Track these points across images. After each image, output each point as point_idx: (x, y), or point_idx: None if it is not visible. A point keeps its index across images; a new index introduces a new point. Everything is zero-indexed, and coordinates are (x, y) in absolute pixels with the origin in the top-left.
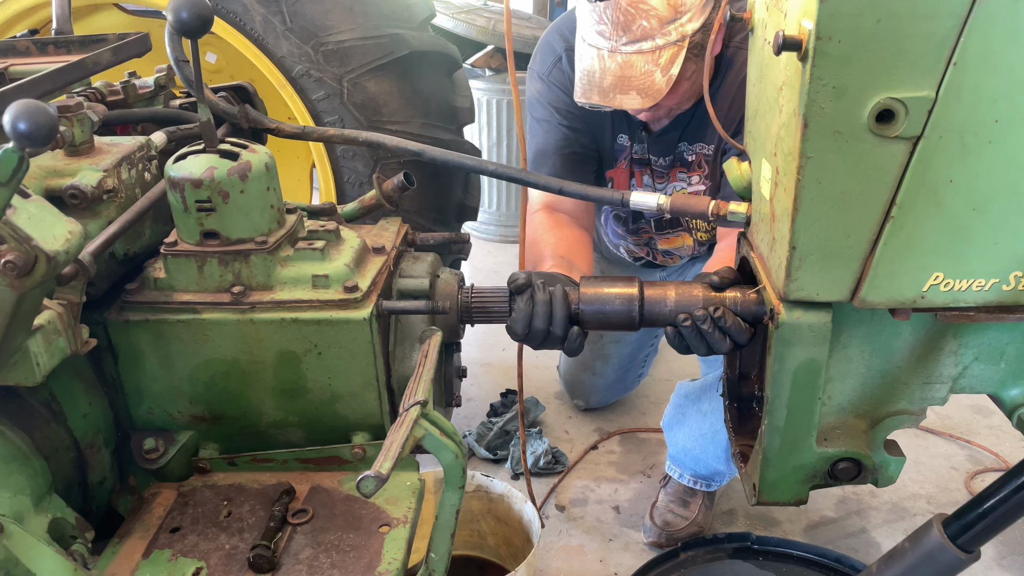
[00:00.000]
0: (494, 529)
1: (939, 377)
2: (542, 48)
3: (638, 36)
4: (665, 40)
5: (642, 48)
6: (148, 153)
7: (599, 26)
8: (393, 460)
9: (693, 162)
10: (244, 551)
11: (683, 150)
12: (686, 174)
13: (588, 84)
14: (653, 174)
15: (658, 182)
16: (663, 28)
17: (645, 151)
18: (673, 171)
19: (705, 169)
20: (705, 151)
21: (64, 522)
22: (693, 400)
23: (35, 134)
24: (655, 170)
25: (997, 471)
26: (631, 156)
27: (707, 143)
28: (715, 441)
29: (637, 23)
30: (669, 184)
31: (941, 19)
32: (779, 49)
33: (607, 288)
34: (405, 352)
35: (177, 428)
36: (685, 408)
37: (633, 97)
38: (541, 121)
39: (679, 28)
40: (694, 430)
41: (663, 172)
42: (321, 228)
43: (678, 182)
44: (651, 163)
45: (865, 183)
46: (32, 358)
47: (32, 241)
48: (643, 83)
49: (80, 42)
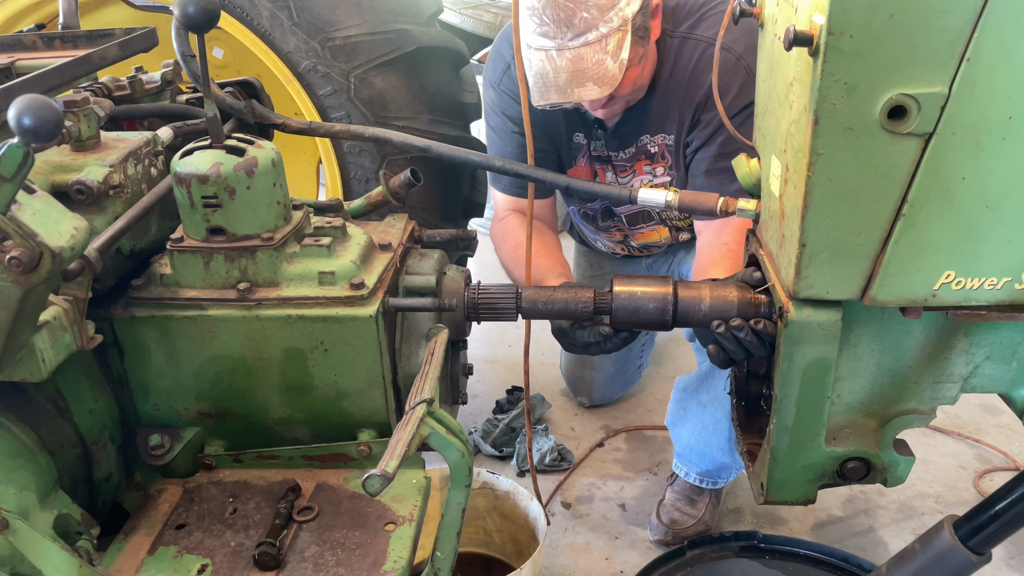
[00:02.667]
0: (500, 526)
1: (950, 376)
2: (492, 56)
3: (582, 28)
4: (608, 27)
5: (588, 39)
6: (154, 149)
7: (542, 27)
8: (399, 459)
9: (656, 153)
10: (249, 548)
11: (646, 143)
12: (651, 166)
13: (544, 85)
14: (615, 169)
15: (621, 176)
16: (604, 16)
17: (604, 147)
18: (637, 164)
19: (668, 159)
20: (667, 141)
21: (70, 518)
22: (692, 393)
23: (40, 129)
24: (616, 165)
25: (1006, 470)
26: (590, 154)
27: (668, 133)
28: (717, 432)
29: (579, 16)
30: (635, 178)
31: (955, 14)
32: (790, 44)
33: (640, 288)
34: (411, 349)
35: (183, 424)
36: (685, 403)
37: (590, 88)
38: (497, 130)
39: (619, 14)
40: (696, 424)
41: (625, 166)
42: (327, 224)
43: (644, 175)
44: (612, 159)
45: (876, 180)
46: (38, 354)
47: (37, 237)
48: (597, 72)
49: (87, 37)
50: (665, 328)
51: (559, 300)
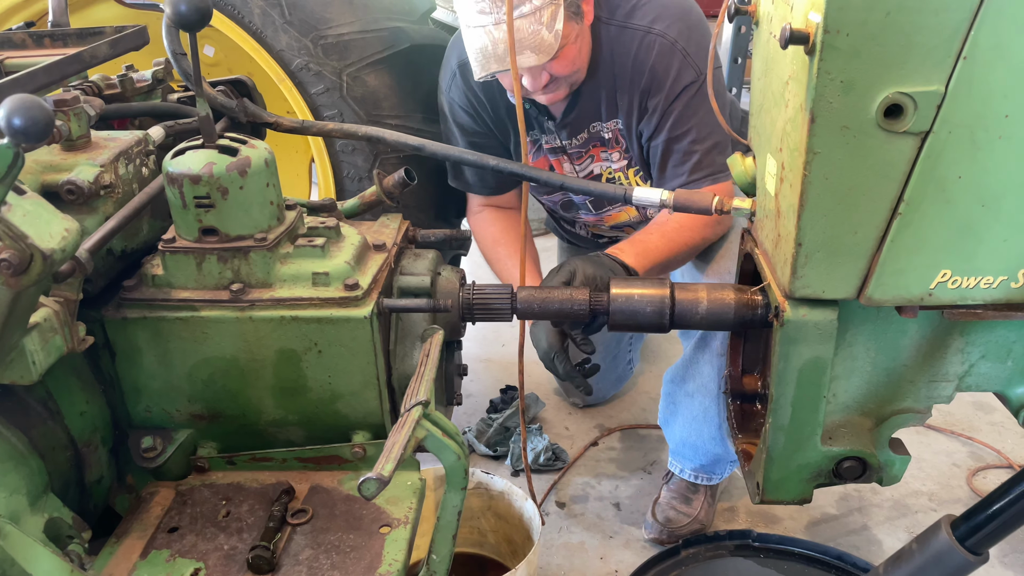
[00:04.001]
0: (494, 526)
1: (945, 375)
2: (443, 66)
3: (516, 3)
4: (541, 1)
5: (523, 12)
6: (146, 148)
7: (479, 4)
8: (395, 462)
9: (611, 139)
10: (243, 552)
11: (599, 129)
12: (607, 152)
13: (484, 57)
14: (571, 158)
15: (578, 163)
16: None
17: (555, 138)
18: (593, 150)
19: (623, 143)
20: (619, 127)
21: (61, 522)
22: (679, 383)
23: (30, 130)
24: (571, 153)
25: (999, 468)
26: (542, 147)
27: (618, 118)
28: (707, 421)
29: None
30: (593, 163)
31: (951, 12)
32: (786, 43)
33: (638, 290)
34: (406, 350)
35: (175, 426)
36: (674, 396)
37: (528, 56)
38: (450, 138)
39: None
40: (686, 415)
41: (580, 152)
42: (321, 225)
43: (601, 161)
44: (566, 148)
45: (873, 179)
46: (28, 356)
47: (28, 239)
48: (534, 41)
49: (77, 35)
50: (663, 330)
51: (555, 301)
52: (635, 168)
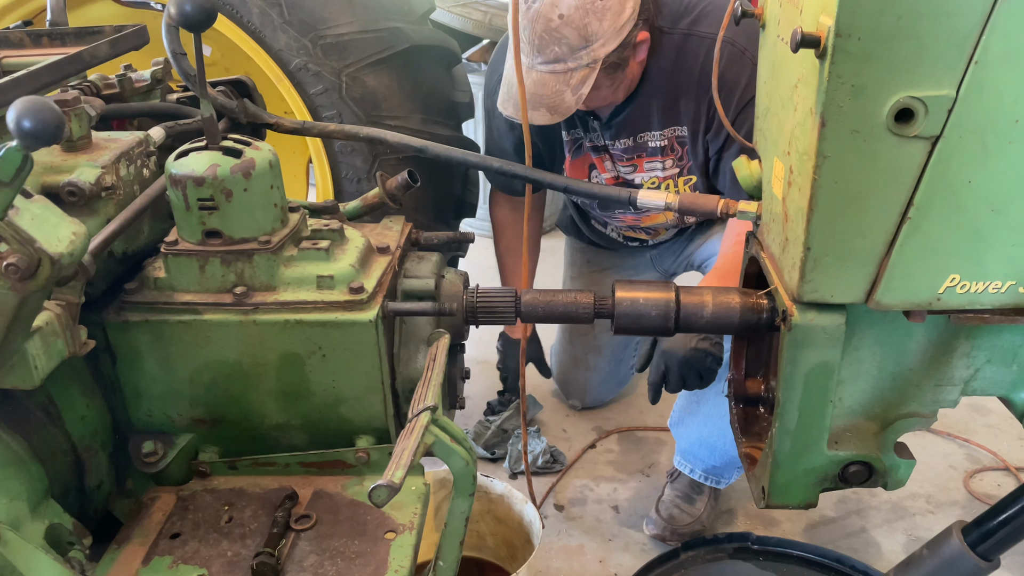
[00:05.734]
0: (494, 530)
1: (951, 379)
2: (490, 64)
3: (551, 58)
4: (577, 64)
5: (555, 69)
6: (147, 149)
7: (522, 44)
8: (405, 469)
9: (665, 147)
10: (247, 558)
11: (646, 139)
12: (654, 161)
13: (507, 95)
14: (613, 159)
15: (622, 165)
16: (574, 54)
17: (599, 137)
18: (637, 160)
19: (678, 151)
20: (679, 134)
21: (61, 528)
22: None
23: (41, 133)
24: (614, 155)
25: (995, 470)
26: (588, 145)
27: (680, 125)
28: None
29: (551, 48)
30: (636, 172)
31: (963, 16)
32: (797, 46)
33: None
34: (410, 354)
35: (176, 431)
36: (701, 394)
37: (543, 113)
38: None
39: (590, 53)
40: (712, 413)
41: (623, 156)
42: (325, 227)
43: (645, 172)
44: (608, 148)
45: (882, 183)
46: (30, 360)
47: (35, 243)
48: (552, 101)
49: (75, 34)
50: (667, 334)
51: (559, 304)
52: (687, 177)
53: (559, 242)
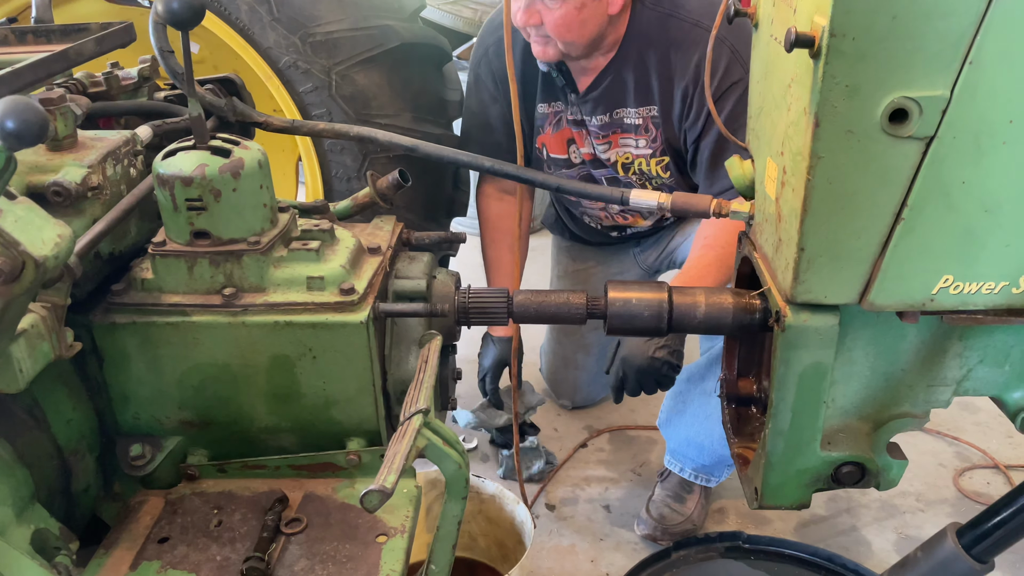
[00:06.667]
0: (485, 530)
1: (943, 380)
2: (477, 40)
3: None
4: None
5: None
6: (134, 148)
7: None
8: (397, 473)
9: (640, 126)
10: (236, 562)
11: (622, 115)
12: (628, 138)
13: None
14: (591, 135)
15: (598, 143)
16: None
17: (578, 111)
18: (613, 136)
19: (653, 132)
20: (652, 114)
21: (48, 533)
22: (696, 381)
23: (24, 133)
24: (591, 131)
25: (985, 468)
26: (566, 119)
27: (653, 105)
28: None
29: None
30: (611, 150)
31: (958, 17)
32: (791, 46)
33: (636, 294)
34: (401, 355)
35: (165, 433)
36: (687, 393)
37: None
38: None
39: None
40: (698, 413)
41: (599, 134)
42: (315, 228)
43: (619, 148)
44: (586, 124)
45: (876, 184)
46: (15, 364)
47: (20, 246)
48: None
49: (61, 31)
50: (660, 335)
51: (551, 305)
52: (660, 159)
53: (547, 241)
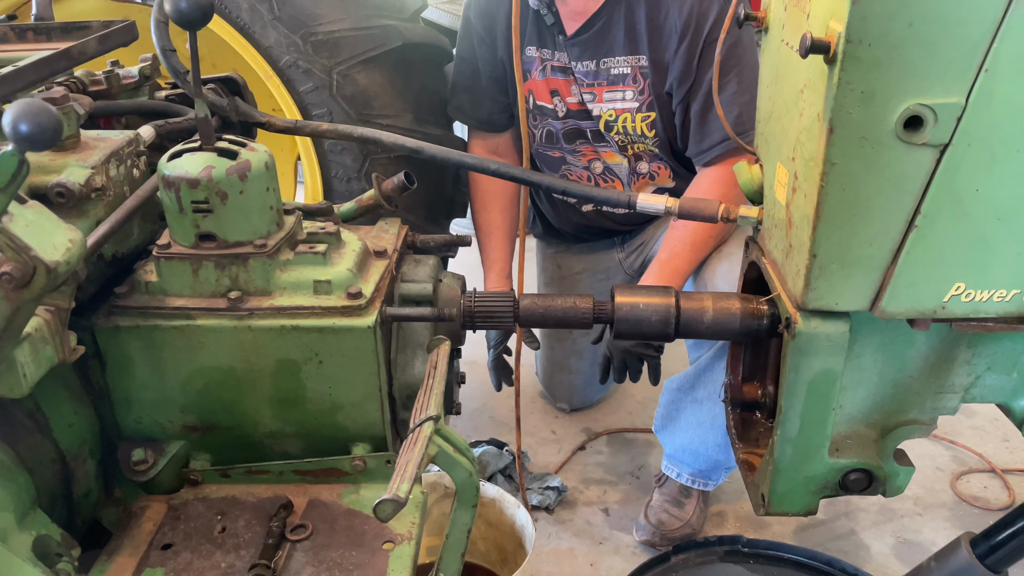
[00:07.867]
0: (484, 534)
1: (951, 387)
2: None
3: None
4: None
5: None
6: (137, 148)
7: None
8: (411, 482)
9: (628, 75)
10: (241, 570)
11: (609, 65)
12: (615, 91)
13: None
14: (578, 83)
15: (584, 91)
16: None
17: (565, 57)
18: (598, 88)
19: (641, 83)
20: (642, 63)
21: (49, 539)
22: (687, 390)
23: (38, 137)
24: (578, 78)
25: (982, 472)
26: (550, 65)
27: (642, 54)
28: (714, 428)
29: None
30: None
31: (974, 24)
32: (806, 52)
33: (643, 299)
34: (407, 360)
35: (167, 438)
36: (678, 402)
37: None
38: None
39: None
40: (691, 421)
41: (584, 82)
42: (321, 230)
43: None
44: (572, 70)
45: (890, 191)
46: (19, 368)
47: (31, 251)
48: None
49: (62, 29)
50: (667, 339)
51: (557, 309)
52: (645, 114)
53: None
